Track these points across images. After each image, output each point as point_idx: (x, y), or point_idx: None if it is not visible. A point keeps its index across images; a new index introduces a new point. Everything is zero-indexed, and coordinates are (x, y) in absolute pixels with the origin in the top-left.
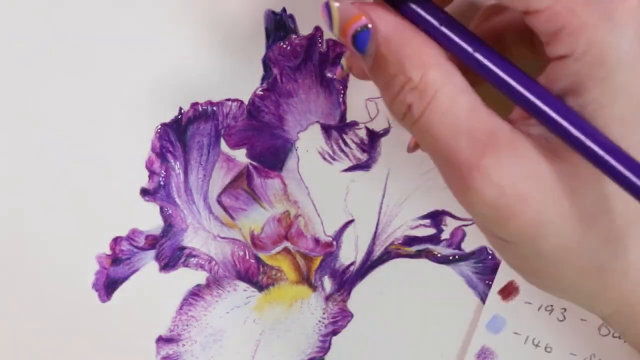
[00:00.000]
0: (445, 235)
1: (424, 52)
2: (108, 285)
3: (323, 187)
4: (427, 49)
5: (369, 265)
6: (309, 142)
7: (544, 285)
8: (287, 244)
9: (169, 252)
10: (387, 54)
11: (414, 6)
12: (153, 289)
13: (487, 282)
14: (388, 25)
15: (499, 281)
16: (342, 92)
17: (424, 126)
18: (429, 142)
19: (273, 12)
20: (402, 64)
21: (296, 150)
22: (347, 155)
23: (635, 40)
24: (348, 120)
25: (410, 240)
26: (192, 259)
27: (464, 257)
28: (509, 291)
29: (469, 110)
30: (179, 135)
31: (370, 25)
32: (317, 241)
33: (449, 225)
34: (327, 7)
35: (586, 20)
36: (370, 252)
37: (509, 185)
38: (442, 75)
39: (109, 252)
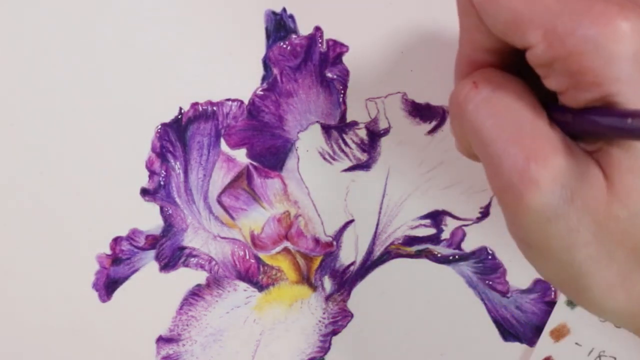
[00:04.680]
0: (445, 235)
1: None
2: (108, 285)
3: (323, 187)
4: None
5: (369, 265)
6: (309, 142)
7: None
8: (287, 244)
9: (169, 252)
10: None
11: None
12: (153, 289)
13: (487, 282)
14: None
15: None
16: (342, 92)
17: (486, 105)
18: (488, 127)
19: (273, 12)
20: None
21: (296, 150)
22: (347, 155)
23: (629, 59)
24: (348, 120)
25: (410, 240)
26: (192, 259)
27: (464, 257)
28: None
29: (535, 112)
30: (179, 135)
31: None
32: (317, 241)
33: (449, 225)
34: None
35: (572, 50)
36: (370, 252)
37: (561, 181)
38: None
39: (109, 252)
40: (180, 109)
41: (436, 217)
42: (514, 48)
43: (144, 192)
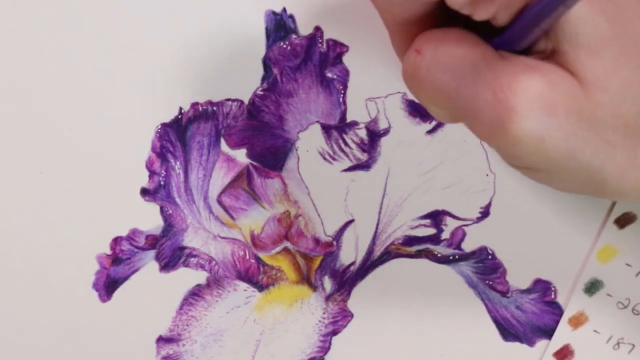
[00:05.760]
0: (445, 235)
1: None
2: (108, 285)
3: (323, 187)
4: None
5: (369, 265)
6: (309, 142)
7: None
8: (287, 244)
9: (169, 252)
10: None
11: None
12: (153, 289)
13: (487, 282)
14: None
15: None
16: (342, 92)
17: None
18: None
19: (273, 12)
20: None
21: (296, 150)
22: (347, 155)
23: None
24: (348, 120)
25: (410, 240)
26: (192, 258)
27: (464, 257)
28: (564, 354)
29: (484, 55)
30: (179, 135)
31: None
32: (317, 241)
33: (449, 225)
34: None
35: None
36: (370, 252)
37: (539, 95)
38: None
39: (109, 252)
40: (180, 109)
41: (436, 217)
42: (432, 4)
43: (144, 192)
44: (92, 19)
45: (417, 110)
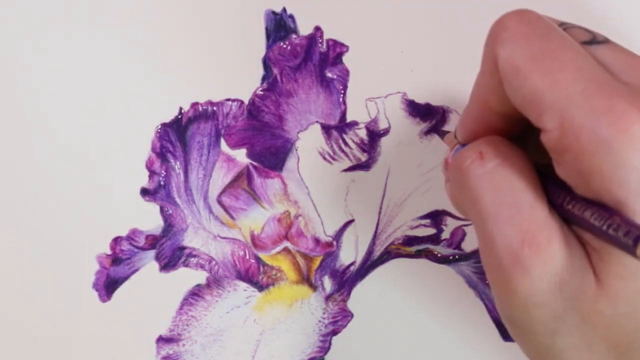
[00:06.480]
0: (445, 235)
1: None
2: (108, 285)
3: (323, 187)
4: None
5: (369, 265)
6: (309, 142)
7: None
8: (287, 243)
9: (169, 252)
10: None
11: None
12: (153, 289)
13: (486, 282)
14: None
15: None
16: (342, 92)
17: (490, 177)
18: (488, 200)
19: (273, 12)
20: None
21: (296, 150)
22: (347, 155)
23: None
24: (348, 120)
25: (410, 240)
26: (192, 258)
27: (464, 257)
28: None
29: (537, 191)
30: (179, 135)
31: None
32: (317, 241)
33: (449, 225)
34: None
35: (584, 147)
36: (370, 252)
37: (553, 269)
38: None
39: (109, 252)
40: (180, 109)
41: (436, 217)
42: (526, 119)
43: (144, 192)
44: (92, 19)
45: (417, 110)
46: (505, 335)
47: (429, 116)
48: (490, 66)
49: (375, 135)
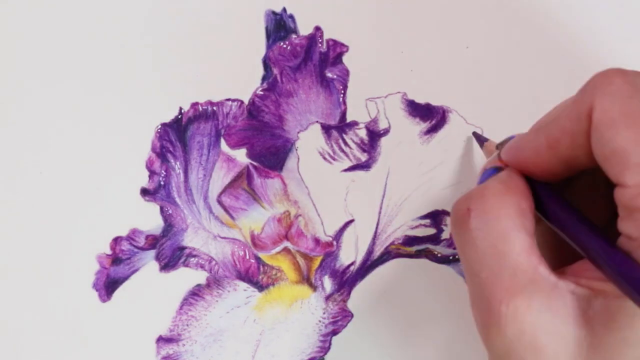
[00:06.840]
0: (445, 235)
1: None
2: (108, 285)
3: (323, 187)
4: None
5: (369, 265)
6: (309, 142)
7: None
8: (287, 243)
9: (169, 252)
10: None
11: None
12: (153, 289)
13: None
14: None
15: None
16: (342, 92)
17: (474, 236)
18: (472, 257)
19: (273, 12)
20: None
21: (296, 150)
22: (347, 155)
23: None
24: (348, 120)
25: (410, 240)
26: (192, 258)
27: None
28: None
29: (522, 249)
30: (179, 135)
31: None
32: (317, 241)
33: (449, 225)
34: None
35: None
36: (370, 252)
37: (530, 332)
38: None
39: (109, 252)
40: (180, 109)
41: (436, 217)
42: (588, 166)
43: (144, 192)
44: (92, 19)
45: (417, 110)
46: None
47: (429, 116)
48: (580, 112)
49: (375, 135)
